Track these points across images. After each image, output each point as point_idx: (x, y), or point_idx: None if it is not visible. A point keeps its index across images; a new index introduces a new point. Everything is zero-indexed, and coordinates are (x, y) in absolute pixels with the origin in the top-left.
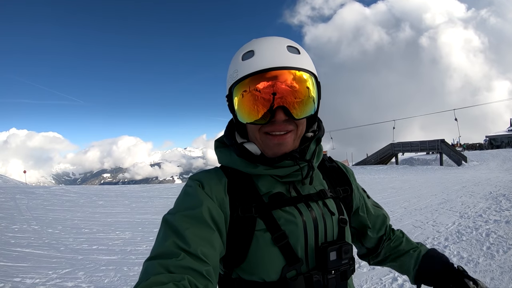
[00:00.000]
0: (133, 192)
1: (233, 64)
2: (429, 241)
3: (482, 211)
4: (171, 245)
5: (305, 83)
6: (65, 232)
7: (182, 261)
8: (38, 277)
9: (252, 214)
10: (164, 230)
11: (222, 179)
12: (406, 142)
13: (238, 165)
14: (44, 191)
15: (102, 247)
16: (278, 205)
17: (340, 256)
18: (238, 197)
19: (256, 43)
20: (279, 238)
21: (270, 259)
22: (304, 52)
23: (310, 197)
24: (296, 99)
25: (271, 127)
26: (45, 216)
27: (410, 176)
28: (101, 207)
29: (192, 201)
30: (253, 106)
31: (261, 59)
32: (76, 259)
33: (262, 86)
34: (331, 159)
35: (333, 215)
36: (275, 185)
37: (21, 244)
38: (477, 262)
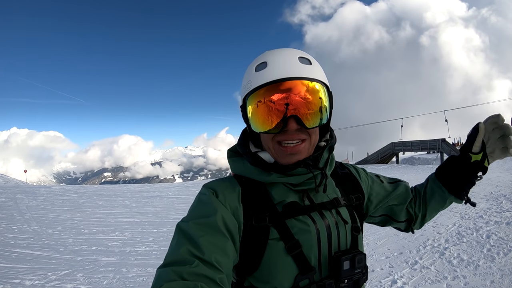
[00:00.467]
0: (133, 192)
1: (247, 75)
2: (429, 242)
3: (483, 212)
4: (185, 253)
5: (317, 94)
6: (65, 233)
7: (196, 268)
8: (37, 278)
9: (266, 223)
10: (178, 238)
11: (236, 187)
12: (406, 141)
13: (252, 174)
14: (44, 190)
15: (101, 248)
16: (291, 214)
17: (354, 265)
18: (252, 206)
19: (269, 54)
20: (292, 247)
21: (283, 268)
22: (316, 63)
23: (324, 205)
24: (309, 111)
25: (283, 136)
26: (45, 217)
27: (411, 175)
28: (101, 207)
29: (206, 209)
30: (267, 116)
31: (273, 70)
32: (75, 260)
33: (276, 98)
34: (342, 165)
35: (346, 224)
36: (288, 193)
37: (20, 245)
38: (477, 264)
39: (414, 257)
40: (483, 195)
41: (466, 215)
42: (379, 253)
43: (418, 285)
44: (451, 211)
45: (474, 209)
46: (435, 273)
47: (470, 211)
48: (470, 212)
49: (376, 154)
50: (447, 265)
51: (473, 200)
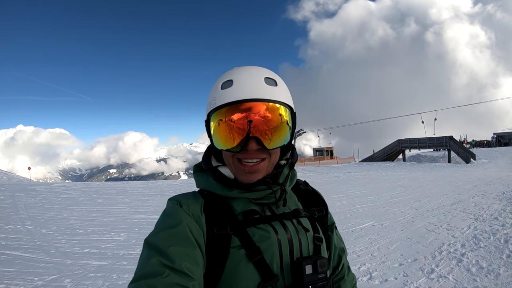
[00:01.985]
0: (134, 189)
1: (213, 91)
2: (444, 247)
3: (498, 213)
4: (155, 264)
5: (277, 111)
6: (59, 233)
7: (168, 278)
8: (22, 284)
9: (227, 232)
10: (146, 251)
11: (199, 199)
12: (413, 138)
13: (215, 188)
14: (44, 188)
15: (94, 251)
16: (252, 223)
17: (316, 270)
18: (213, 215)
19: (236, 72)
20: (253, 253)
21: (245, 276)
22: (282, 83)
23: (285, 215)
24: (269, 127)
25: (244, 155)
26: (41, 215)
27: (418, 173)
28: (100, 206)
29: (171, 220)
30: (228, 135)
31: (238, 89)
32: (64, 264)
33: (237, 117)
34: (306, 183)
35: (308, 232)
36: (249, 205)
37: (11, 246)
38: (498, 273)
39: (430, 264)
40: (495, 194)
41: (480, 217)
42: (392, 259)
43: None
44: (465, 212)
45: (487, 210)
46: (453, 283)
47: (484, 212)
48: (485, 213)
49: (382, 151)
50: (465, 273)
51: (486, 201)
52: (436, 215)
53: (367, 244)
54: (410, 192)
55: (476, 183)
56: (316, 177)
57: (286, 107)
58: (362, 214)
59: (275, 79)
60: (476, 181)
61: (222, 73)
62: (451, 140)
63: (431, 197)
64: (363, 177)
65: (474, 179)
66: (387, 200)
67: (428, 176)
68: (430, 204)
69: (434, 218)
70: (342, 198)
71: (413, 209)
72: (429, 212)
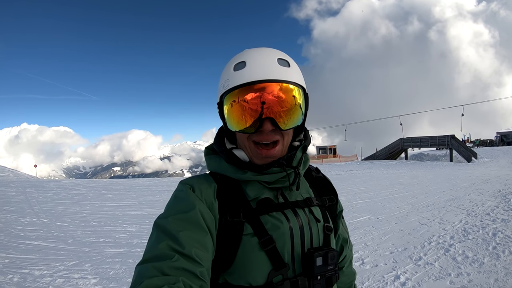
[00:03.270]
0: (141, 186)
1: (225, 73)
2: (434, 239)
3: (490, 209)
4: (164, 248)
5: (291, 93)
6: (74, 225)
7: (176, 262)
8: (45, 268)
9: (240, 219)
10: (156, 234)
11: (212, 184)
12: (415, 137)
13: (227, 171)
14: (54, 184)
15: (109, 240)
16: (265, 211)
17: (326, 262)
18: (226, 202)
19: (248, 54)
20: (266, 242)
21: (257, 263)
22: (294, 65)
23: (297, 203)
24: (283, 108)
25: (259, 137)
26: (54, 210)
27: (419, 172)
28: (110, 201)
29: (184, 204)
30: (241, 116)
31: (251, 71)
32: (83, 252)
33: (250, 97)
34: (318, 170)
35: (319, 222)
36: (262, 191)
37: (30, 236)
38: (482, 262)
39: (418, 253)
40: (491, 192)
41: (473, 212)
42: (384, 248)
43: (421, 281)
44: (459, 208)
45: (481, 206)
46: (439, 269)
47: (477, 208)
48: (478, 209)
49: (384, 150)
50: (451, 261)
51: (481, 198)
52: (430, 211)
53: (362, 235)
54: (409, 189)
55: (474, 181)
56: None
57: (300, 88)
58: (360, 209)
59: (288, 60)
60: (474, 179)
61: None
62: (453, 139)
63: (428, 194)
64: (364, 175)
65: (473, 178)
66: (385, 197)
67: (428, 175)
68: (427, 200)
69: (428, 213)
70: (342, 194)
71: (409, 205)
72: (424, 207)
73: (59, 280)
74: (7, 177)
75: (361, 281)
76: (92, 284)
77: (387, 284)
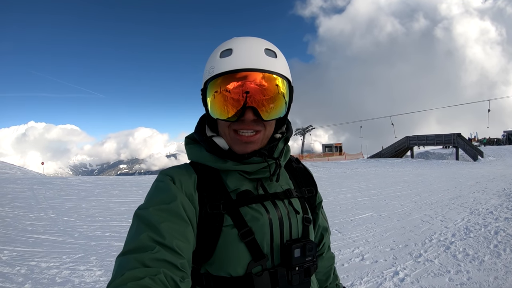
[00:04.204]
0: (147, 182)
1: (211, 59)
2: (435, 236)
3: (494, 208)
4: (145, 239)
5: (274, 81)
6: (80, 220)
7: (157, 254)
8: (52, 261)
9: (220, 211)
10: (137, 225)
11: (192, 175)
12: (421, 135)
13: (208, 161)
14: (61, 181)
15: (115, 234)
16: (245, 202)
17: (304, 254)
18: (206, 193)
19: (236, 42)
20: (245, 234)
21: (237, 255)
22: (281, 56)
23: (277, 195)
24: (265, 97)
25: (240, 125)
26: (61, 205)
27: (424, 170)
28: (116, 197)
29: (165, 195)
30: (223, 105)
31: (237, 58)
32: (89, 245)
33: (232, 86)
34: (298, 161)
35: (298, 214)
36: (242, 182)
37: (37, 231)
38: (483, 260)
39: (419, 250)
40: (495, 191)
41: (476, 211)
42: (384, 244)
43: (420, 277)
44: (462, 206)
45: (485, 204)
46: (438, 266)
47: (480, 206)
48: (481, 207)
49: (390, 148)
50: (451, 259)
51: (485, 196)
52: (433, 208)
53: (363, 232)
54: (413, 187)
55: (479, 180)
56: (323, 172)
57: (284, 79)
58: (363, 206)
59: (275, 51)
60: (479, 178)
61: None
62: (459, 137)
63: (432, 192)
64: (369, 173)
65: (478, 176)
66: (389, 194)
67: (433, 173)
68: (430, 198)
69: (431, 211)
70: (346, 191)
71: (412, 203)
72: (428, 205)
73: (65, 272)
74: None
75: (360, 276)
76: (97, 276)
77: (386, 279)
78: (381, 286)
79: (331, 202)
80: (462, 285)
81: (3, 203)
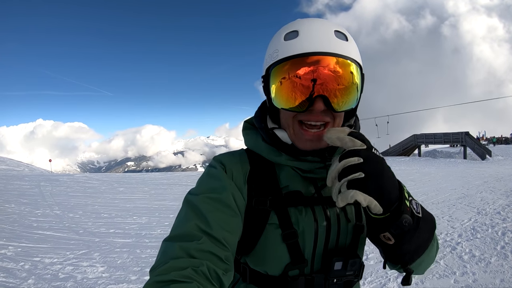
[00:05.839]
0: (153, 180)
1: (274, 42)
2: (442, 236)
3: (501, 208)
4: (193, 227)
5: (348, 68)
6: (85, 217)
7: (203, 244)
8: (56, 257)
9: (266, 207)
10: (186, 211)
11: (245, 166)
12: (429, 133)
13: (262, 151)
14: (67, 178)
15: (119, 231)
16: (294, 203)
17: (346, 267)
18: (256, 187)
19: (301, 23)
20: (288, 236)
21: (276, 255)
22: (352, 40)
23: (329, 199)
24: (339, 86)
25: (307, 116)
26: (67, 202)
27: (432, 169)
28: (121, 194)
29: (216, 183)
30: (291, 92)
31: (305, 41)
32: (93, 242)
33: (303, 72)
34: None
35: (349, 222)
36: (295, 179)
37: (42, 227)
38: (489, 261)
39: None
40: (503, 191)
41: (483, 211)
42: None
43: (425, 278)
44: (469, 206)
45: (492, 204)
46: (444, 267)
47: (488, 206)
48: (488, 208)
49: (398, 146)
50: (457, 260)
51: (493, 196)
52: (440, 208)
53: None
54: (420, 186)
55: (487, 179)
56: None
57: (357, 65)
58: None
59: (345, 33)
60: (487, 177)
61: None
62: (467, 136)
63: (439, 191)
64: None
65: (486, 175)
66: None
67: (440, 172)
68: (437, 197)
69: (438, 210)
70: None
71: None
72: (434, 204)
73: (68, 268)
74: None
75: (364, 277)
76: (100, 272)
77: (390, 280)
78: (385, 286)
79: None
80: (467, 287)
81: (9, 200)
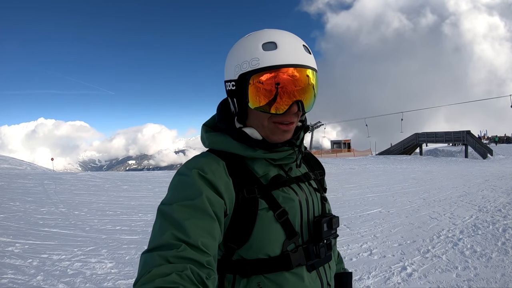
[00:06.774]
0: (156, 178)
1: (252, 51)
2: (443, 233)
3: (502, 206)
4: (170, 237)
5: (315, 77)
6: (91, 214)
7: (183, 252)
8: (64, 253)
9: (256, 195)
10: (160, 222)
11: (220, 162)
12: (430, 132)
13: (236, 149)
14: (71, 177)
15: (125, 228)
16: (277, 186)
17: (331, 227)
18: (239, 179)
19: (276, 35)
20: (280, 214)
21: (274, 235)
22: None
23: (299, 178)
24: (309, 93)
25: (282, 118)
26: (71, 200)
27: (433, 167)
28: (125, 192)
29: (189, 190)
30: (269, 98)
31: (284, 54)
32: (100, 238)
33: (286, 80)
34: (305, 147)
35: (318, 193)
36: (269, 168)
37: (49, 224)
38: (490, 257)
39: (426, 246)
40: (504, 189)
41: (484, 208)
42: (392, 240)
43: (428, 273)
44: (470, 203)
45: (493, 202)
46: (446, 262)
47: (489, 204)
48: (489, 205)
49: (399, 144)
50: (459, 255)
51: (494, 194)
52: (442, 205)
53: (371, 227)
54: (421, 184)
55: (488, 178)
56: (331, 169)
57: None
58: (371, 202)
59: (308, 47)
60: (488, 176)
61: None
62: (468, 134)
63: (440, 189)
64: (377, 169)
65: (487, 174)
66: (398, 191)
67: (442, 170)
68: (439, 195)
69: (440, 208)
70: (354, 188)
71: (421, 199)
72: (436, 202)
73: (76, 264)
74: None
75: (368, 271)
76: (109, 268)
77: (394, 274)
78: (389, 280)
79: (340, 198)
80: (469, 281)
81: (14, 198)
